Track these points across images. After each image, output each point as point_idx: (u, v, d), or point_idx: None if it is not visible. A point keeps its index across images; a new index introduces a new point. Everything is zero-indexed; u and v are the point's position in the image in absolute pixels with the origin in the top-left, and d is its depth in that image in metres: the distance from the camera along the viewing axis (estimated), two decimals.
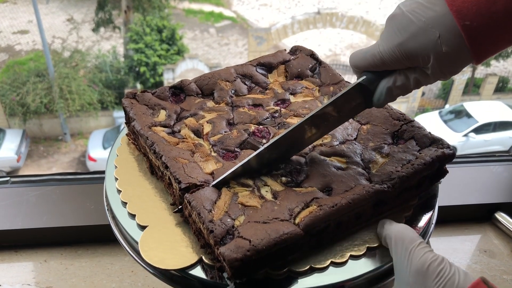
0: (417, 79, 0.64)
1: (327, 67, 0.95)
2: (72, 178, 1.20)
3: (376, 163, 0.73)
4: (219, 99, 0.88)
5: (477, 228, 1.21)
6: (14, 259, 1.08)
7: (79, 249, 1.10)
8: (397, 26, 0.62)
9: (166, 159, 0.71)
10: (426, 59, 0.61)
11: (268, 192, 0.68)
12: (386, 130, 0.78)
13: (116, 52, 9.25)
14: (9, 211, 1.11)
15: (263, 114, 0.83)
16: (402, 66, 0.64)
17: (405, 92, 0.67)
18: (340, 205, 0.64)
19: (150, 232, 0.68)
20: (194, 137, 0.79)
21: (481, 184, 1.26)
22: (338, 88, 0.89)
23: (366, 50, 0.67)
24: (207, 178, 0.70)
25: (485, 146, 7.35)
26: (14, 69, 8.51)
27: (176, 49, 8.92)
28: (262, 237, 0.59)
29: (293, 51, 1.00)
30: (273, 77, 0.95)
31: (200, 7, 12.43)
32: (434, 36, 0.59)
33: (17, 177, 1.21)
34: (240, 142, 0.77)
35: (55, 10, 11.79)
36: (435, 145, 0.73)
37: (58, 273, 1.05)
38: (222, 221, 0.62)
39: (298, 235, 0.61)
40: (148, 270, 0.67)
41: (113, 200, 0.75)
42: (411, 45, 0.61)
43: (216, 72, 0.93)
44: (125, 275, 1.05)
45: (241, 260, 0.57)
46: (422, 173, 0.70)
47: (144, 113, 0.83)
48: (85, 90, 8.17)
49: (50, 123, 8.45)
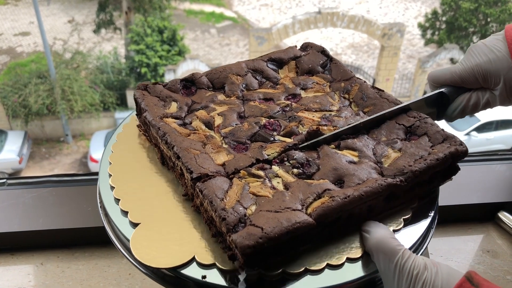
0: (487, 100, 0.78)
1: (338, 63, 0.94)
2: (68, 180, 1.19)
3: (388, 157, 0.72)
4: (230, 92, 0.88)
5: (480, 228, 1.19)
6: (10, 262, 1.07)
7: (76, 251, 1.09)
8: (478, 51, 0.78)
9: (178, 150, 0.72)
10: (497, 81, 0.76)
11: (280, 183, 0.68)
12: (400, 125, 0.78)
13: (117, 53, 9.26)
14: (5, 213, 1.09)
15: (274, 108, 0.83)
16: (476, 86, 0.79)
17: (475, 111, 0.79)
18: (352, 196, 0.63)
19: (143, 230, 0.67)
20: (206, 129, 0.79)
21: (484, 183, 1.24)
22: (350, 84, 0.88)
23: (447, 68, 0.81)
24: (219, 169, 0.70)
25: (487, 144, 7.33)
26: (15, 71, 8.53)
27: (177, 49, 8.92)
28: (274, 225, 0.59)
29: (304, 48, 1.00)
30: (284, 72, 0.95)
31: (201, 8, 12.44)
32: (508, 64, 0.75)
33: (14, 179, 1.20)
34: (251, 134, 0.77)
35: (56, 11, 11.81)
36: (448, 142, 0.73)
37: (55, 276, 1.03)
38: (235, 209, 0.62)
39: (311, 224, 0.61)
40: (140, 269, 0.66)
41: (106, 197, 0.74)
42: (487, 67, 0.76)
43: (227, 66, 0.93)
44: (122, 278, 1.03)
45: (253, 247, 0.57)
46: (434, 168, 0.70)
47: (155, 105, 0.83)
48: (86, 91, 8.18)
49: (52, 124, 8.46)
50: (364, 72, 9.83)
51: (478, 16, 9.31)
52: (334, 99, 0.86)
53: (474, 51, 0.78)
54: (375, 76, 9.45)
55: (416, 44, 11.51)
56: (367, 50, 11.36)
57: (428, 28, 10.04)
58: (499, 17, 9.00)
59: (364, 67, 10.12)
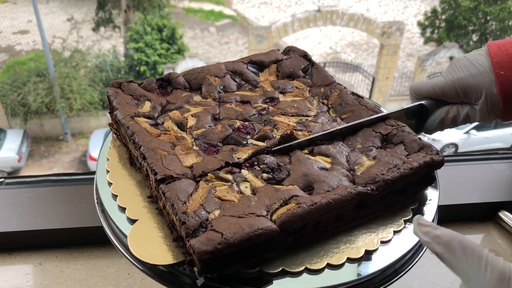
0: (467, 114, 0.78)
1: (320, 68, 0.93)
2: (67, 179, 1.18)
3: (362, 165, 0.71)
4: (207, 94, 0.87)
5: (480, 227, 1.19)
6: (8, 262, 1.06)
7: (74, 251, 1.08)
8: (460, 65, 0.78)
9: (144, 150, 0.70)
10: (479, 96, 0.76)
11: (248, 188, 0.67)
12: (376, 133, 0.77)
13: (116, 51, 9.24)
14: (3, 213, 1.09)
15: (250, 111, 0.82)
16: (457, 100, 0.79)
17: (453, 124, 0.79)
18: (319, 204, 0.62)
19: (141, 226, 0.66)
20: (177, 130, 0.78)
21: (484, 182, 1.24)
22: (329, 90, 0.87)
23: (429, 80, 0.81)
24: (185, 171, 0.68)
25: (486, 143, 7.34)
26: (14, 69, 8.51)
27: (177, 48, 8.90)
28: (235, 231, 0.57)
29: (287, 51, 0.99)
30: (264, 75, 0.94)
31: (200, 6, 12.42)
32: (490, 79, 0.74)
33: (12, 178, 1.20)
34: (223, 137, 0.76)
35: (55, 9, 11.78)
36: (424, 151, 0.71)
37: (53, 276, 1.03)
38: (196, 213, 0.60)
39: (274, 231, 0.59)
40: (137, 266, 0.65)
41: (103, 193, 0.74)
42: (469, 81, 0.76)
43: (205, 67, 0.91)
44: (121, 277, 1.03)
45: (211, 253, 0.55)
46: (408, 178, 0.68)
47: (128, 103, 0.82)
48: (86, 90, 8.17)
49: (51, 123, 8.45)
50: (364, 71, 9.82)
51: (478, 15, 9.31)
52: (313, 104, 0.85)
53: (457, 65, 0.78)
54: (374, 75, 9.44)
55: (415, 42, 11.51)
56: (366, 48, 11.35)
57: (428, 27, 10.03)
58: (499, 15, 8.99)
59: (363, 66, 10.10)
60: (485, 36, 9.25)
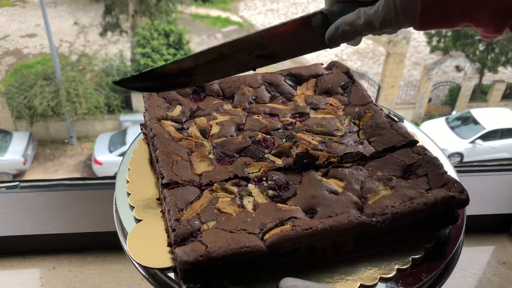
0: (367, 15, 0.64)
1: (359, 87, 0.91)
2: (82, 184, 1.18)
3: (376, 194, 0.67)
4: (238, 103, 0.87)
5: (494, 238, 1.18)
6: (22, 265, 1.06)
7: (88, 256, 1.08)
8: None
9: (159, 153, 0.71)
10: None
11: (250, 202, 0.66)
12: (401, 162, 0.73)
13: (123, 56, 9.28)
14: (18, 216, 1.09)
15: (275, 124, 0.81)
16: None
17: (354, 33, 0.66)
18: (315, 229, 0.60)
19: (143, 226, 0.67)
20: (199, 136, 0.79)
21: (498, 193, 1.23)
22: (363, 110, 0.84)
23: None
24: (193, 179, 0.69)
25: (492, 153, 7.29)
26: (21, 72, 8.56)
27: (183, 53, 8.93)
28: (220, 245, 0.57)
29: (330, 67, 0.97)
30: (302, 89, 0.92)
31: (207, 12, 12.47)
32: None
33: (26, 182, 1.20)
34: (241, 148, 0.75)
35: (63, 14, 11.86)
36: (448, 187, 0.66)
37: (67, 281, 1.03)
38: (189, 222, 0.61)
39: (261, 251, 0.58)
40: (136, 266, 0.65)
41: (119, 191, 0.75)
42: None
43: (242, 76, 0.91)
44: (135, 283, 1.03)
45: (191, 263, 0.55)
46: (421, 213, 0.63)
47: (158, 106, 0.83)
48: (92, 94, 8.19)
49: (56, 126, 8.47)
50: (369, 79, 9.82)
51: None
52: (343, 124, 0.82)
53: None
54: (380, 83, 9.44)
55: (421, 51, 11.50)
56: (372, 56, 11.35)
57: (434, 35, 10.03)
58: None
59: (369, 74, 10.10)
60: (491, 46, 9.23)
